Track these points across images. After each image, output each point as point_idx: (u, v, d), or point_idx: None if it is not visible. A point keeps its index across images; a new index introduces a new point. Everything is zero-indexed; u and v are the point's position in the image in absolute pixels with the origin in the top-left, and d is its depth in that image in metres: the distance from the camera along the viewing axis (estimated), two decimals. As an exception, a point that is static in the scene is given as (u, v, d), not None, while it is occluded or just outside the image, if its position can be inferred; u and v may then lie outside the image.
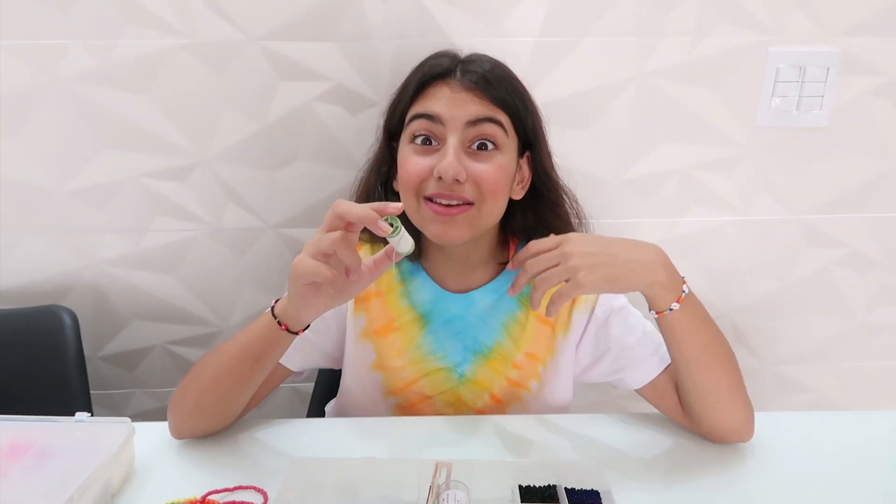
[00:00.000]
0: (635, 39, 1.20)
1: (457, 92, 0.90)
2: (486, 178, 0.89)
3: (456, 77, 0.91)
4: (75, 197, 1.23)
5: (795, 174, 1.31)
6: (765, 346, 1.45)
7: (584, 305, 0.99)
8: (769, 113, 1.25)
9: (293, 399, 1.44)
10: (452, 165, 0.87)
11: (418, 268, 1.00)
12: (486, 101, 0.90)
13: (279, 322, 0.83)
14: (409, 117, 0.92)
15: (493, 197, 0.90)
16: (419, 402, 1.00)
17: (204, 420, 0.91)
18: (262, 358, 0.86)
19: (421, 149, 0.91)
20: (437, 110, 0.89)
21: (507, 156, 0.92)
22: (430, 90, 0.92)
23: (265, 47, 1.16)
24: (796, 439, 0.95)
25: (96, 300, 1.31)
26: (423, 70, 0.94)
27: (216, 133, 1.21)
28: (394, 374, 1.00)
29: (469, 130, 0.89)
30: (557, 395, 1.02)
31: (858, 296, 1.41)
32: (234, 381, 0.88)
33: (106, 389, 1.39)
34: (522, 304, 1.00)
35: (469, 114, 0.89)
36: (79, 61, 1.15)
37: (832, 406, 1.50)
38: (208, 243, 1.29)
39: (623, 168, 1.29)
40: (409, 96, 0.93)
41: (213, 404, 0.90)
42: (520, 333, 0.99)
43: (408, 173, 0.91)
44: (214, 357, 0.90)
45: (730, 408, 0.90)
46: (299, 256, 0.77)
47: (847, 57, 1.22)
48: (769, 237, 1.35)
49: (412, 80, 0.94)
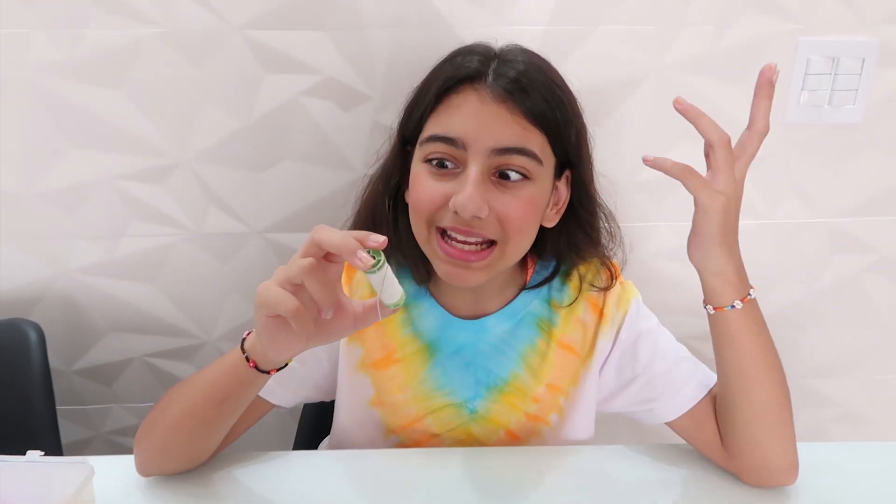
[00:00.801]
0: (654, 28, 1.11)
1: (486, 104, 0.76)
2: (511, 217, 0.77)
3: (486, 82, 0.77)
4: (43, 200, 1.15)
5: (825, 174, 1.23)
6: (789, 356, 1.34)
7: (608, 328, 0.90)
8: (798, 108, 1.17)
9: (279, 426, 1.35)
10: (473, 200, 0.74)
11: (424, 291, 0.89)
12: (520, 118, 0.76)
13: (247, 357, 0.73)
14: (426, 134, 0.79)
15: (520, 235, 0.79)
16: (425, 441, 0.90)
17: (170, 461, 0.82)
18: (227, 399, 0.76)
19: (437, 172, 0.78)
20: (460, 132, 0.76)
21: (539, 185, 0.79)
22: (454, 97, 0.78)
23: (249, 37, 1.08)
24: (838, 474, 0.86)
25: (68, 311, 1.22)
26: (448, 69, 0.80)
27: (196, 131, 1.13)
28: (395, 412, 0.89)
29: (494, 159, 0.76)
30: (580, 428, 0.92)
31: (890, 304, 1.33)
32: (198, 423, 0.78)
33: (80, 405, 1.31)
34: (543, 330, 0.90)
35: (497, 139, 0.76)
36: (45, 53, 1.06)
37: (859, 420, 1.42)
38: (189, 250, 1.20)
39: (639, 168, 1.18)
40: (431, 101, 0.79)
41: (177, 447, 0.80)
42: (540, 364, 0.89)
43: (420, 199, 0.79)
44: (181, 392, 0.80)
45: (779, 440, 0.80)
46: (265, 283, 0.66)
47: (884, 47, 1.14)
48: (795, 241, 1.27)
49: (435, 81, 0.80)
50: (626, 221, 1.21)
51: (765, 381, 0.79)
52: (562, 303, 0.89)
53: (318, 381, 0.92)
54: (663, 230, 1.25)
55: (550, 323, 0.89)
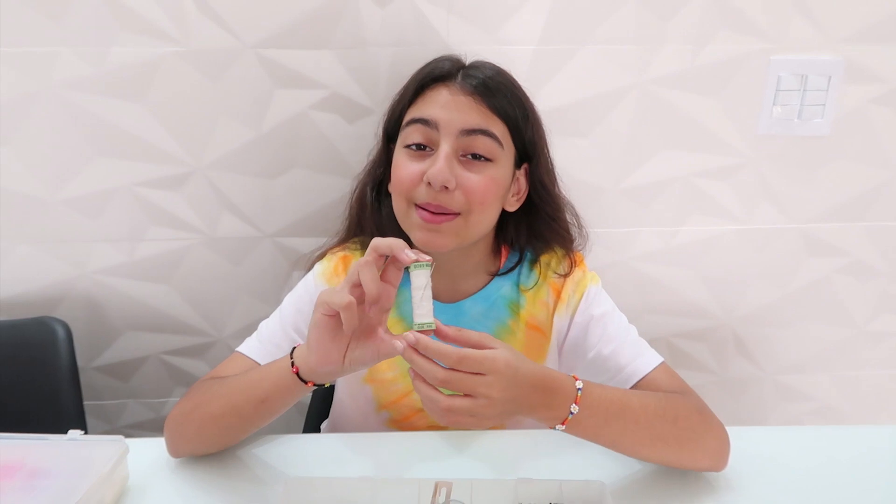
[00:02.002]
0: (636, 47, 1.18)
1: (456, 95, 0.89)
2: (475, 189, 0.88)
3: (456, 81, 0.90)
4: (68, 206, 1.21)
5: (797, 183, 1.30)
6: (765, 354, 1.44)
7: (565, 309, 0.98)
8: (770, 121, 1.24)
9: (289, 415, 1.41)
10: (442, 172, 0.86)
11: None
12: (485, 109, 0.89)
13: (293, 363, 0.79)
14: (405, 121, 0.92)
15: (482, 208, 0.89)
16: (412, 415, 0.99)
17: (203, 448, 0.89)
18: (266, 401, 0.83)
19: (414, 154, 0.90)
20: (433, 114, 0.88)
21: (501, 168, 0.90)
22: (428, 92, 0.91)
23: (261, 55, 1.14)
24: (799, 454, 0.93)
25: (89, 310, 1.29)
26: (424, 72, 0.93)
27: (211, 141, 1.19)
28: (385, 387, 0.98)
29: (463, 140, 0.88)
30: None
31: (860, 305, 1.40)
32: (236, 419, 0.85)
33: (99, 400, 1.37)
34: (513, 311, 0.98)
35: (465, 121, 0.88)
36: (72, 69, 1.13)
37: (833, 415, 1.49)
38: (203, 253, 1.27)
39: (623, 176, 1.27)
40: (408, 98, 0.93)
41: (212, 438, 0.88)
42: (510, 342, 0.96)
43: (399, 178, 0.90)
44: (224, 389, 0.86)
45: (684, 460, 0.86)
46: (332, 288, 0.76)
47: (849, 65, 1.21)
48: (770, 246, 1.34)
49: (412, 82, 0.94)
50: (611, 227, 1.30)
51: (638, 442, 0.83)
52: (528, 286, 0.98)
53: None
54: (647, 235, 1.32)
55: (519, 305, 0.98)
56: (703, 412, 0.87)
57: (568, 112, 1.22)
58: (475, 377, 0.70)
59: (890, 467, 0.91)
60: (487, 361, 0.70)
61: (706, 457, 0.86)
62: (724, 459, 0.87)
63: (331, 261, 1.00)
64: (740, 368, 1.45)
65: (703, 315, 1.40)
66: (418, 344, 0.71)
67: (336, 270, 0.99)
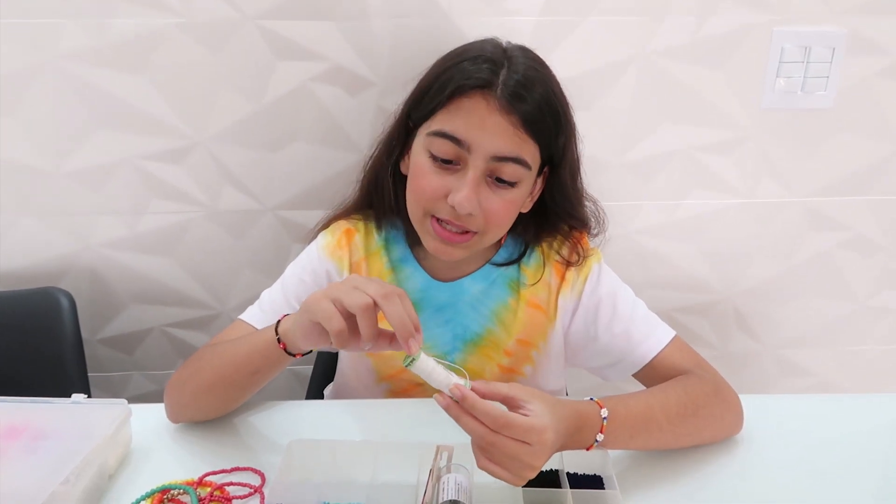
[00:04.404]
0: (639, 19, 1.18)
1: (492, 113, 0.83)
2: (495, 213, 0.87)
3: (496, 92, 0.83)
4: (71, 178, 1.22)
5: (799, 156, 1.29)
6: (766, 329, 1.45)
7: (570, 291, 0.98)
8: (773, 94, 1.24)
9: (292, 382, 1.43)
10: (470, 202, 0.84)
11: (408, 256, 0.99)
12: (521, 133, 0.84)
13: (279, 339, 0.80)
14: (435, 127, 0.86)
15: (499, 227, 0.90)
16: (411, 389, 1.00)
17: (199, 415, 0.91)
18: (257, 372, 0.85)
19: (440, 167, 0.86)
20: (467, 135, 0.83)
21: (523, 188, 0.88)
22: (465, 100, 0.84)
23: (262, 26, 1.14)
24: (798, 423, 0.94)
25: (93, 283, 1.30)
26: (463, 73, 0.85)
27: (213, 114, 1.20)
28: (385, 361, 0.99)
29: (493, 164, 0.84)
30: (551, 380, 1.02)
31: (861, 279, 1.41)
32: (230, 387, 0.87)
33: (103, 372, 1.39)
34: (513, 290, 0.98)
35: (498, 148, 0.84)
36: (73, 41, 1.13)
37: (833, 390, 1.50)
38: (206, 226, 1.28)
39: (625, 150, 1.27)
40: (444, 100, 0.85)
41: (206, 405, 0.89)
42: (511, 320, 0.98)
43: (421, 188, 0.87)
44: (215, 359, 0.88)
45: (706, 441, 0.88)
46: (318, 294, 0.73)
47: (853, 37, 1.20)
48: (772, 220, 1.34)
49: (450, 81, 0.85)
50: (612, 200, 1.30)
51: (664, 444, 0.85)
52: (529, 266, 0.98)
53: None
54: (648, 208, 1.32)
55: (520, 283, 0.98)
56: (718, 391, 0.89)
57: (570, 85, 1.18)
58: (521, 445, 0.69)
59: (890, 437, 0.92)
60: (533, 433, 0.69)
61: (725, 431, 0.90)
62: (740, 426, 0.91)
63: (334, 234, 0.99)
64: (741, 343, 1.45)
65: (704, 289, 1.40)
66: (465, 401, 0.70)
67: (339, 244, 0.98)
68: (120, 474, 0.82)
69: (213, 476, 0.82)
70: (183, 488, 0.79)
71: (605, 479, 0.80)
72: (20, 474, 0.73)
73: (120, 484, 0.81)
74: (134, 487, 0.80)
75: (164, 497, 0.78)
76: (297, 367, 1.39)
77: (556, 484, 0.78)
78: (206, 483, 0.81)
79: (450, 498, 0.72)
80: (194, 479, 0.81)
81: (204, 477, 0.81)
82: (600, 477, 0.80)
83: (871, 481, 0.84)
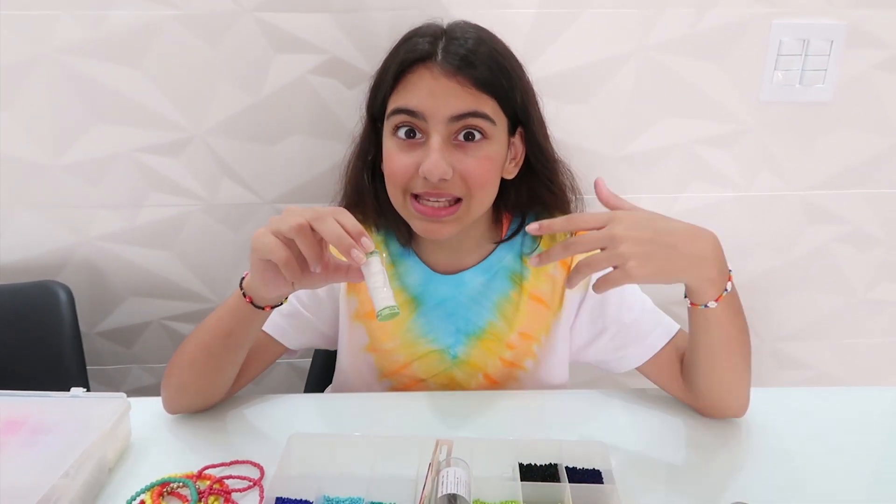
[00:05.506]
0: (637, 11, 1.18)
1: (438, 79, 0.83)
2: (472, 173, 0.85)
3: (437, 60, 0.84)
4: (69, 171, 1.21)
5: (797, 149, 1.29)
6: (764, 322, 1.45)
7: None
8: (772, 87, 1.23)
9: (291, 376, 1.43)
10: (438, 166, 0.83)
11: (408, 251, 0.98)
12: (471, 88, 0.83)
13: (244, 294, 0.81)
14: (389, 109, 0.87)
15: (482, 190, 0.87)
16: (413, 385, 1.00)
17: (190, 397, 0.91)
18: (231, 335, 0.85)
19: (405, 143, 0.86)
20: (418, 105, 0.84)
21: (495, 143, 0.87)
22: (410, 76, 0.85)
23: (259, 19, 1.14)
24: (794, 415, 0.94)
25: (91, 276, 1.30)
26: (401, 53, 0.87)
27: (210, 107, 1.19)
28: (386, 357, 0.99)
29: (453, 125, 0.84)
30: (553, 374, 1.02)
31: (859, 273, 1.41)
32: (209, 357, 0.87)
33: (102, 365, 1.39)
34: (515, 283, 0.98)
35: (452, 107, 0.83)
36: (71, 33, 1.13)
37: (831, 382, 1.50)
38: (203, 219, 1.28)
39: (623, 143, 1.27)
40: (390, 83, 0.87)
41: (192, 382, 0.89)
42: (513, 313, 0.98)
43: (393, 171, 0.87)
44: (194, 334, 0.89)
45: (737, 390, 0.89)
46: (260, 230, 0.75)
47: (852, 30, 1.20)
48: (770, 213, 1.34)
49: (391, 64, 0.87)
50: (611, 193, 1.29)
51: (730, 356, 0.85)
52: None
53: (323, 328, 1.01)
54: (646, 202, 1.29)
55: (522, 276, 0.98)
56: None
57: (568, 77, 1.21)
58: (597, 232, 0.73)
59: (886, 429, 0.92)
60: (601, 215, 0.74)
61: (746, 394, 0.89)
62: (747, 406, 0.90)
63: None
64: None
65: (702, 283, 1.39)
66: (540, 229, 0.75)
67: None
68: (119, 468, 0.82)
69: (213, 469, 0.82)
70: (182, 481, 0.79)
71: (603, 473, 0.80)
72: (20, 468, 0.73)
73: (119, 477, 0.81)
74: (133, 481, 0.80)
75: (164, 490, 0.79)
76: (296, 360, 1.39)
77: (554, 478, 0.78)
78: (205, 476, 0.81)
79: (449, 491, 0.72)
80: (193, 473, 0.81)
81: (203, 470, 0.81)
82: (599, 471, 0.80)
83: (869, 473, 0.84)
